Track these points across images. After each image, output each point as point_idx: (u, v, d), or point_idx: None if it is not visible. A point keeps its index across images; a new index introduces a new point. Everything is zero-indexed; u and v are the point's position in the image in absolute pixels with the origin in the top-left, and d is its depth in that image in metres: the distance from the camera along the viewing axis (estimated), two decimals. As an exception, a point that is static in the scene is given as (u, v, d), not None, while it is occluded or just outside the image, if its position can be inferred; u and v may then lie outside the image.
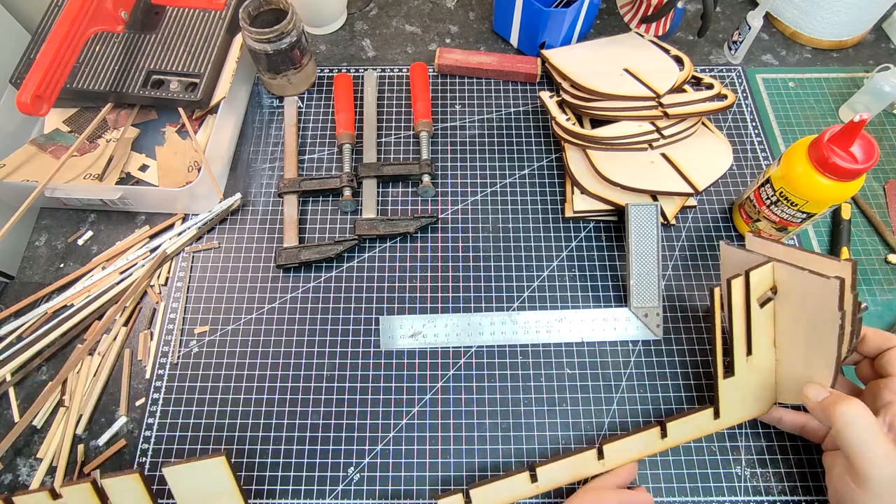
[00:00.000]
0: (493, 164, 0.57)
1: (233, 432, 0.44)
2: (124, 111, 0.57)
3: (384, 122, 0.59)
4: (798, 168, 0.42)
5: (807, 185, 0.41)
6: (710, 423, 0.41)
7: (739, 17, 0.68)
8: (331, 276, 0.51)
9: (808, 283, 0.37)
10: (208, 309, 0.49)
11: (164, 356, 0.47)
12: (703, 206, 0.54)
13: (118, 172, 0.53)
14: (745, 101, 0.61)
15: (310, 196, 0.55)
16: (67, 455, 0.43)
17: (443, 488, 0.43)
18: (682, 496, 0.42)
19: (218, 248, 0.52)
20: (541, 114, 0.60)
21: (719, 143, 0.53)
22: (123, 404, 0.45)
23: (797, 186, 0.42)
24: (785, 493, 0.42)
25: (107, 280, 0.50)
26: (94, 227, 0.54)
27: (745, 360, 0.41)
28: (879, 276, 0.51)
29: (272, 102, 0.61)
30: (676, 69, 0.54)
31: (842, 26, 0.62)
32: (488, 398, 0.46)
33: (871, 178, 0.56)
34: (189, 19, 0.57)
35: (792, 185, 0.42)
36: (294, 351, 0.48)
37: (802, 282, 0.38)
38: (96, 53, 0.55)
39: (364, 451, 0.44)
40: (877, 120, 0.59)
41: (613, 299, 0.50)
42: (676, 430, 0.40)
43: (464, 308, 0.49)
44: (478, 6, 0.69)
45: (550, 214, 0.54)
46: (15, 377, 0.46)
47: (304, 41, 0.56)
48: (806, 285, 0.38)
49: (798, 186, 0.42)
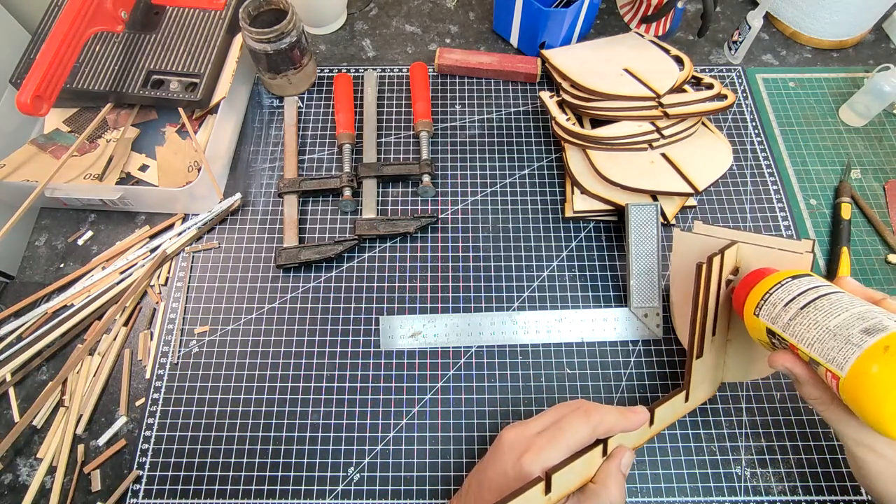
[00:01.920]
0: (493, 164, 0.57)
1: (233, 432, 0.44)
2: (124, 111, 0.57)
3: (384, 122, 0.59)
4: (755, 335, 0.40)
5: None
6: (682, 407, 0.41)
7: (739, 17, 0.68)
8: (331, 276, 0.51)
9: (775, 260, 0.40)
10: (208, 309, 0.49)
11: (164, 356, 0.47)
12: (703, 206, 0.54)
13: (118, 172, 0.53)
14: (745, 101, 0.61)
15: (310, 196, 0.55)
16: (67, 455, 0.43)
17: (443, 488, 0.43)
18: (682, 496, 0.42)
19: (218, 248, 0.52)
20: (541, 114, 0.60)
21: (719, 143, 0.53)
22: (123, 404, 0.45)
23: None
24: (785, 493, 0.42)
25: (107, 280, 0.50)
26: (94, 227, 0.54)
27: (710, 341, 0.41)
28: (879, 276, 0.51)
29: (272, 102, 0.61)
30: (676, 69, 0.54)
31: (842, 26, 0.62)
32: (488, 398, 0.46)
33: (872, 178, 0.56)
34: (189, 19, 0.57)
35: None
36: (294, 351, 0.48)
37: (769, 260, 0.40)
38: (96, 53, 0.55)
39: (364, 451, 0.44)
40: (877, 120, 0.59)
41: (613, 299, 0.50)
42: (659, 416, 0.39)
43: (464, 308, 0.49)
44: (478, 6, 0.69)
45: (550, 214, 0.54)
46: (15, 377, 0.46)
47: (304, 41, 0.56)
48: (772, 262, 0.40)
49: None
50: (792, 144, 0.58)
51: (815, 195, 0.55)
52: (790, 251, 0.40)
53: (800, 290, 0.34)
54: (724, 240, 0.42)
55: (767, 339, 0.36)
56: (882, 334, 0.28)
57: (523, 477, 0.31)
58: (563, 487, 0.31)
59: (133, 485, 0.43)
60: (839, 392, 0.30)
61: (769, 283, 0.36)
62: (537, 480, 0.30)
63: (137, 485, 0.43)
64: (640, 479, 0.43)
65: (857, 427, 0.31)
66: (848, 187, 0.54)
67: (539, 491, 0.30)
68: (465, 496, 0.35)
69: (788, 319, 0.33)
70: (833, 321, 0.31)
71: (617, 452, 0.34)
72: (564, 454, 0.32)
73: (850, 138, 0.58)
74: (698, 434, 0.44)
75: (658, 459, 0.43)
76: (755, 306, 0.36)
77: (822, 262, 0.52)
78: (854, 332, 0.29)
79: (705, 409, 0.45)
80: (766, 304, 0.35)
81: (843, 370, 0.29)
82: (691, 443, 0.44)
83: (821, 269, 0.51)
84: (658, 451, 0.44)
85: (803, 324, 0.32)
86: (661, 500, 0.42)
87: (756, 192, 0.55)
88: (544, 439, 0.32)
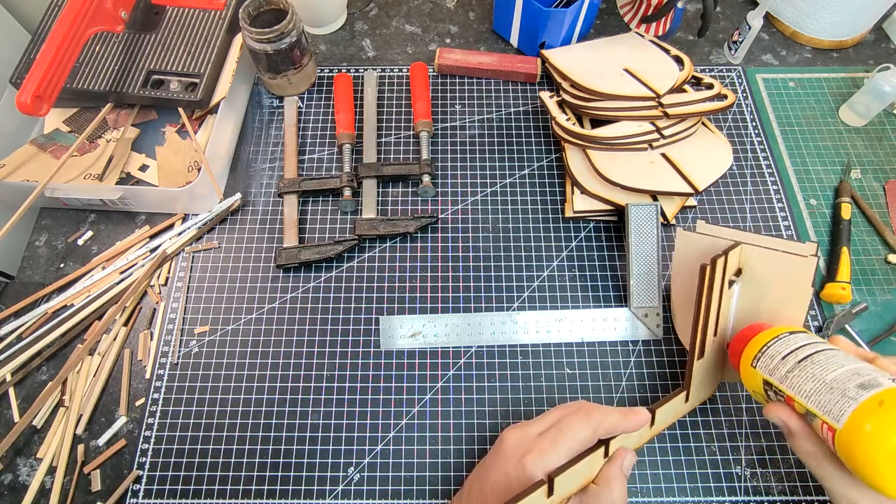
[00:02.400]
0: (493, 164, 0.57)
1: (233, 432, 0.44)
2: (124, 111, 0.57)
3: (384, 122, 0.59)
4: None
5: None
6: (682, 407, 0.41)
7: (739, 17, 0.68)
8: (331, 276, 0.51)
9: (779, 262, 0.40)
10: (208, 309, 0.49)
11: (164, 356, 0.47)
12: (703, 206, 0.54)
13: (118, 172, 0.53)
14: (745, 101, 0.61)
15: (310, 196, 0.55)
16: (67, 455, 0.43)
17: (443, 488, 0.43)
18: (682, 496, 0.42)
19: (218, 248, 0.52)
20: (541, 114, 0.60)
21: (719, 143, 0.53)
22: (123, 404, 0.45)
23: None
24: (785, 493, 0.42)
25: (107, 280, 0.50)
26: (94, 227, 0.54)
27: (711, 341, 0.41)
28: (879, 276, 0.51)
29: (272, 102, 0.61)
30: (676, 69, 0.54)
31: (842, 26, 0.62)
32: (488, 398, 0.46)
33: (872, 178, 0.56)
34: (189, 19, 0.57)
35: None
36: (294, 351, 0.48)
37: (773, 262, 0.41)
38: (96, 53, 0.55)
39: (364, 451, 0.44)
40: (877, 120, 0.59)
41: (613, 299, 0.50)
42: (659, 417, 0.39)
43: (464, 308, 0.49)
44: (478, 6, 0.69)
45: (550, 214, 0.54)
46: (15, 377, 0.46)
47: (304, 41, 0.56)
48: (776, 265, 0.40)
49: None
50: (792, 144, 0.58)
51: (815, 195, 0.55)
52: (794, 254, 0.40)
53: (797, 344, 0.35)
54: (727, 240, 0.42)
55: (763, 390, 0.36)
56: (876, 389, 0.29)
57: (525, 478, 0.31)
58: (565, 490, 0.32)
59: (133, 485, 0.43)
60: (835, 444, 0.30)
61: (767, 337, 0.37)
62: (540, 483, 0.30)
63: (137, 485, 0.43)
64: (641, 480, 0.43)
65: (848, 485, 0.32)
66: (848, 187, 0.54)
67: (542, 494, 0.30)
68: (467, 497, 0.35)
69: (786, 372, 0.34)
70: (830, 375, 0.32)
71: (619, 454, 0.34)
72: (566, 455, 0.32)
73: (850, 138, 0.58)
74: (698, 434, 0.44)
75: (658, 459, 0.43)
76: (753, 358, 0.37)
77: (822, 262, 0.52)
78: (850, 387, 0.30)
79: (705, 409, 0.45)
80: (764, 356, 0.36)
81: (840, 422, 0.30)
82: (691, 443, 0.44)
83: (821, 269, 0.51)
84: (658, 451, 0.44)
85: (801, 376, 0.33)
86: (661, 500, 0.42)
87: (756, 192, 0.55)
88: (546, 441, 0.32)
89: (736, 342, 0.40)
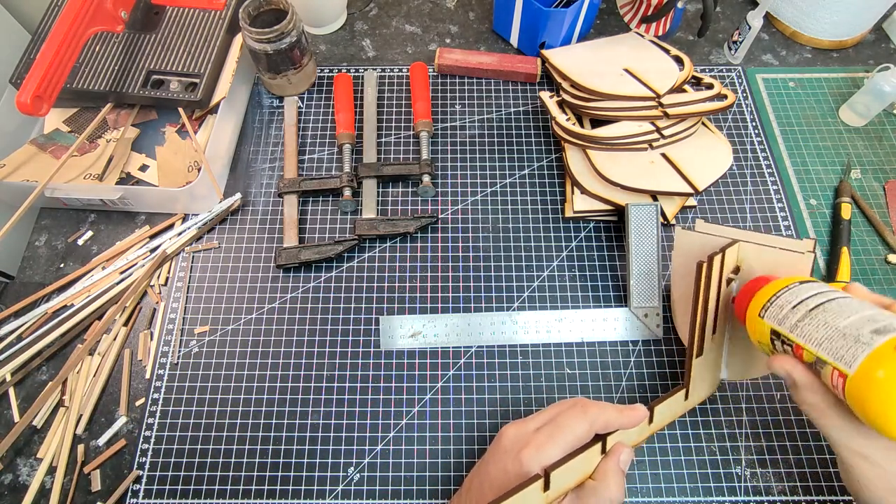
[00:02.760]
0: (493, 164, 0.57)
1: (233, 432, 0.44)
2: (124, 111, 0.57)
3: (384, 122, 0.59)
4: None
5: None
6: (682, 405, 0.41)
7: (739, 17, 0.68)
8: (331, 276, 0.51)
9: (776, 259, 0.40)
10: (208, 309, 0.49)
11: (164, 356, 0.47)
12: (703, 206, 0.54)
13: (118, 172, 0.53)
14: (745, 101, 0.61)
15: (310, 196, 0.55)
16: (67, 455, 0.43)
17: (443, 488, 0.43)
18: (682, 496, 0.42)
19: (218, 248, 0.52)
20: (541, 114, 0.60)
21: (719, 143, 0.53)
22: (123, 404, 0.45)
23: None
24: (785, 493, 0.42)
25: (107, 280, 0.50)
26: (94, 227, 0.54)
27: (710, 339, 0.41)
28: (879, 276, 0.51)
29: (272, 102, 0.61)
30: (676, 69, 0.54)
31: (842, 26, 0.62)
32: (488, 398, 0.46)
33: (872, 178, 0.56)
34: (189, 19, 0.57)
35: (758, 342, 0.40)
36: (294, 351, 0.48)
37: (770, 259, 0.41)
38: (96, 53, 0.55)
39: (364, 451, 0.44)
40: (877, 120, 0.59)
41: (613, 299, 0.50)
42: (658, 414, 0.39)
43: (464, 308, 0.49)
44: (478, 6, 0.69)
45: (550, 214, 0.54)
46: (15, 377, 0.46)
47: (304, 41, 0.56)
48: (773, 262, 0.41)
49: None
50: (792, 144, 0.58)
51: (815, 195, 0.55)
52: (791, 250, 0.40)
53: (809, 293, 0.34)
54: (725, 238, 0.43)
55: (769, 341, 0.36)
56: (892, 334, 0.28)
57: (522, 472, 0.31)
58: (561, 484, 0.32)
59: (133, 485, 0.43)
60: (845, 391, 0.30)
61: (777, 286, 0.36)
62: (536, 478, 0.30)
63: (137, 485, 0.43)
64: (640, 479, 0.43)
65: (853, 435, 0.32)
66: (848, 187, 0.54)
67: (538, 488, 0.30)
68: (466, 493, 0.35)
69: (797, 321, 0.33)
70: (843, 322, 0.31)
71: (616, 449, 0.34)
72: (563, 450, 0.32)
73: (850, 138, 0.58)
74: (698, 434, 0.44)
75: (658, 459, 0.43)
76: (761, 307, 0.36)
77: (822, 262, 0.52)
78: (864, 332, 0.29)
79: (705, 409, 0.45)
80: (773, 305, 0.35)
81: (852, 368, 0.29)
82: (691, 443, 0.44)
83: (821, 269, 0.51)
84: (658, 451, 0.44)
85: (812, 325, 0.32)
86: (661, 500, 0.42)
87: (756, 192, 0.55)
88: (543, 435, 0.33)
89: (743, 294, 0.39)
